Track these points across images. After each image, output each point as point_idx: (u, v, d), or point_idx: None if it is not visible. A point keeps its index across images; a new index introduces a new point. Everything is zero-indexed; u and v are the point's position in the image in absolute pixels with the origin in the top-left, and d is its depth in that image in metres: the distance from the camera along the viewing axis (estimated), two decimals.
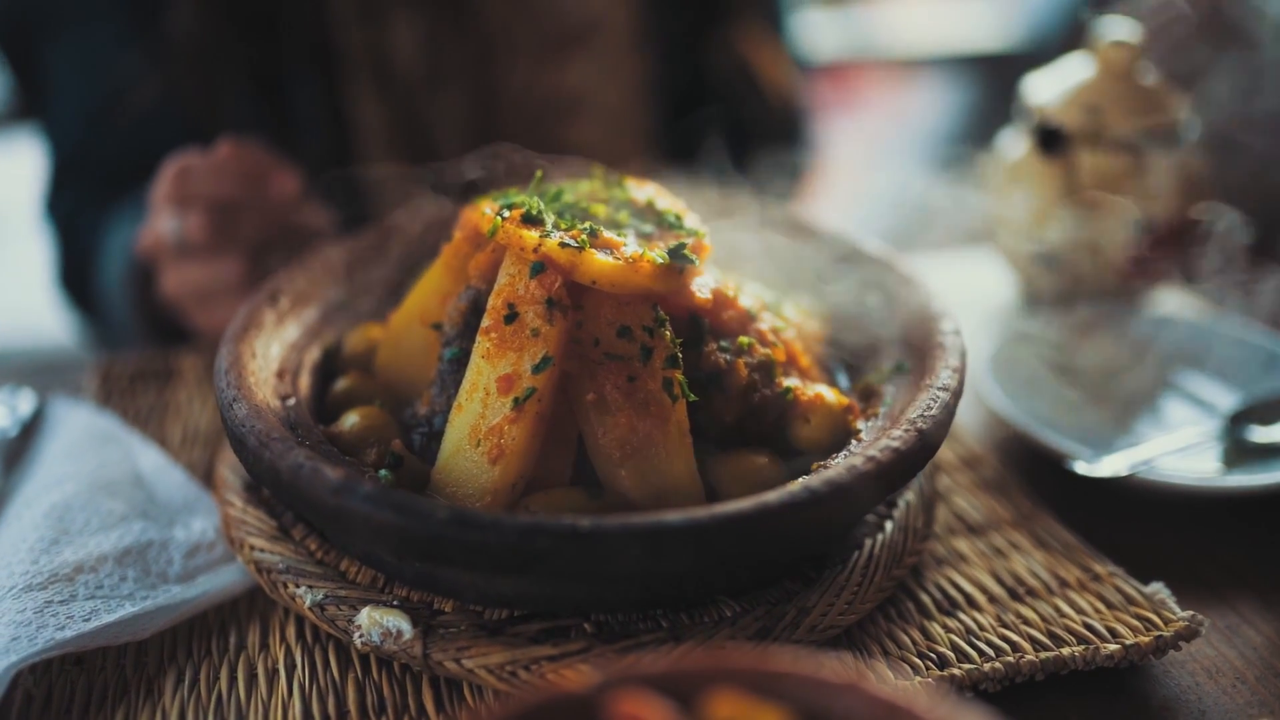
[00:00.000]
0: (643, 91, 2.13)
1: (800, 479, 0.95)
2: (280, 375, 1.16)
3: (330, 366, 1.26)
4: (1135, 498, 1.28)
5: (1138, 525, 1.26)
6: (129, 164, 1.87)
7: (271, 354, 1.18)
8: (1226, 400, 1.44)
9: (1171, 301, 1.76)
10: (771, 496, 0.91)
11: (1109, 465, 1.23)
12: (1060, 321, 1.56)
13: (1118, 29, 1.64)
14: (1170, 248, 1.61)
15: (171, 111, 1.84)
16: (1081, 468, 1.23)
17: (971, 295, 1.79)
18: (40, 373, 1.65)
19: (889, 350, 1.23)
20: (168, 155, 1.77)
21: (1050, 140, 1.59)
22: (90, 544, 1.14)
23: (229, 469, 1.22)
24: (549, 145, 2.02)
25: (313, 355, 1.25)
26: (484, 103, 2.00)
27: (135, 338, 1.80)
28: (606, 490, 1.03)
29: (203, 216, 1.48)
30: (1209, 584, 1.18)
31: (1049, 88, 1.66)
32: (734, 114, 1.98)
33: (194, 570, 1.14)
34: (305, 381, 1.20)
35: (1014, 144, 1.71)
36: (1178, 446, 1.30)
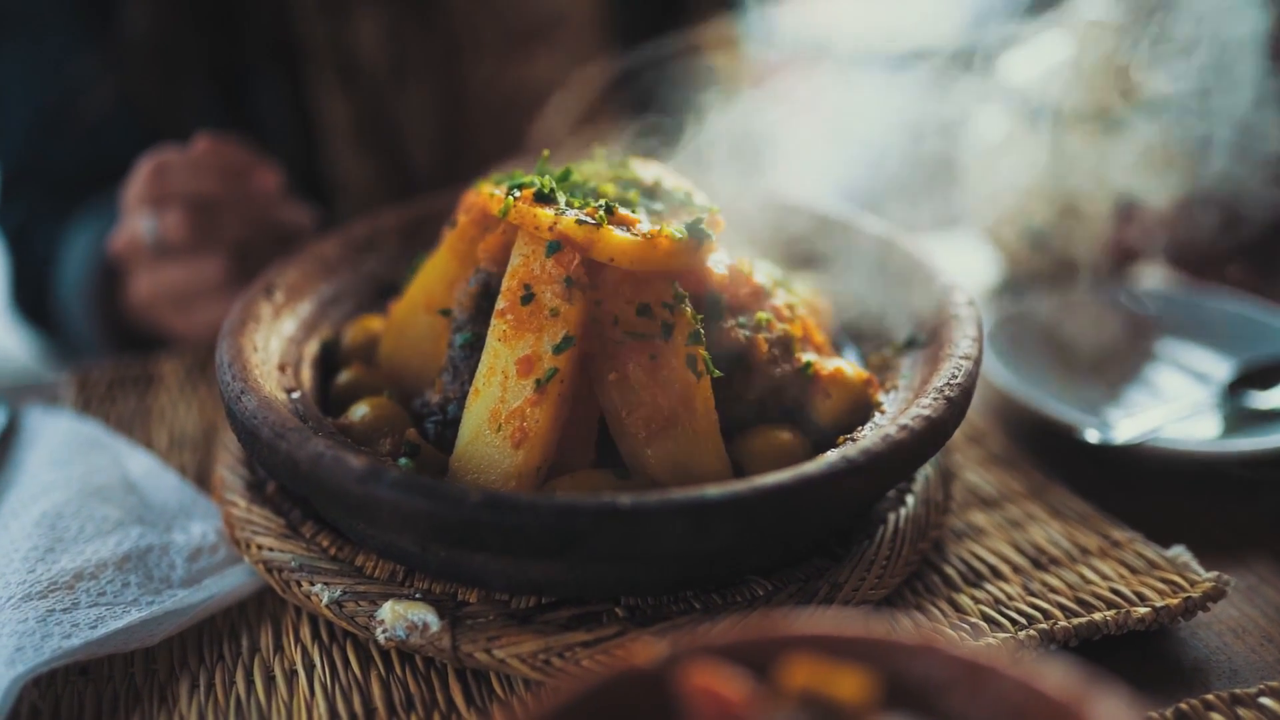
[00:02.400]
0: (606, 87, 2.11)
1: (837, 450, 0.94)
2: (282, 369, 1.13)
3: (329, 360, 1.22)
4: (1142, 466, 1.28)
5: (1147, 493, 1.26)
6: (83, 171, 1.82)
7: (271, 348, 1.14)
8: (1218, 368, 1.45)
9: (1154, 276, 1.77)
10: (811, 468, 0.90)
11: (1121, 434, 1.23)
12: (1050, 299, 1.57)
13: (1095, 7, 1.65)
14: (1155, 225, 1.62)
15: (127, 114, 1.79)
16: (1094, 437, 1.23)
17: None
18: (9, 387, 1.59)
19: (898, 324, 1.22)
20: (123, 160, 1.71)
21: (1043, 120, 1.60)
22: (87, 551, 1.09)
23: (227, 469, 1.18)
24: (515, 140, 1.99)
25: (311, 349, 1.21)
26: (450, 98, 1.97)
27: (95, 349, 1.74)
28: (632, 471, 1.01)
29: (182, 215, 1.43)
30: (1224, 546, 1.18)
31: (1029, 66, 1.67)
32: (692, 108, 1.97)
33: (198, 574, 1.10)
34: (307, 375, 1.16)
35: (994, 124, 1.72)
36: (1182, 414, 1.31)
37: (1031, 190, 1.63)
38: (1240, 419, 1.34)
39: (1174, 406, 1.33)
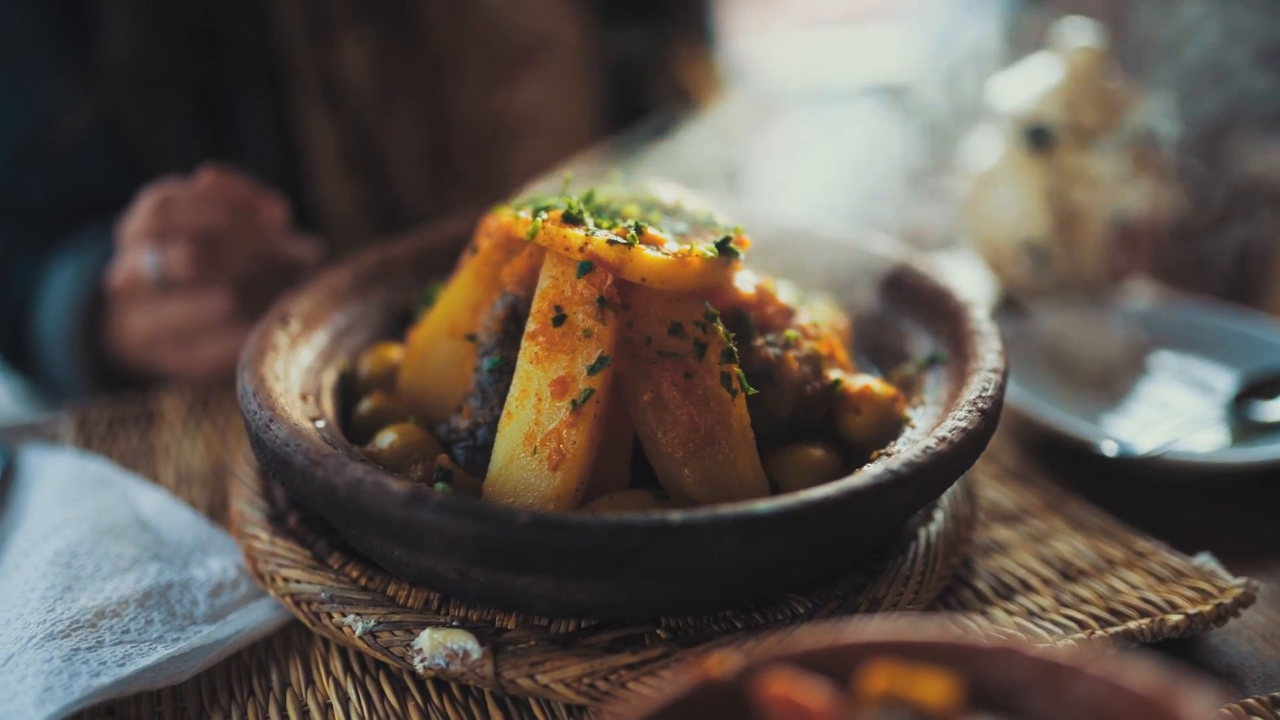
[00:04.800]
0: (593, 111, 2.11)
1: (880, 462, 0.94)
2: (304, 398, 1.11)
3: (347, 390, 1.21)
4: (1152, 479, 1.30)
5: (1160, 505, 1.27)
6: (62, 203, 1.78)
7: (291, 377, 1.13)
8: (1218, 381, 1.48)
9: (1146, 292, 1.80)
10: (856, 481, 0.90)
11: (1138, 447, 1.24)
12: (1051, 316, 1.59)
13: (1082, 33, 1.69)
14: (1147, 241, 1.65)
15: (105, 142, 1.75)
16: (1112, 450, 1.24)
17: None
18: (6, 427, 1.56)
19: (915, 342, 1.23)
20: (102, 191, 1.67)
21: (1039, 137, 1.63)
22: (106, 589, 1.07)
23: (245, 503, 1.16)
24: (501, 166, 1.99)
25: (329, 378, 1.20)
26: (435, 124, 1.96)
27: (75, 389, 1.70)
28: (669, 491, 1.00)
29: (186, 249, 1.41)
30: (1243, 555, 1.19)
31: (1020, 90, 1.70)
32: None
33: (222, 609, 1.08)
34: (328, 404, 1.15)
35: (987, 147, 1.74)
36: (1191, 427, 1.32)
37: (1028, 209, 1.65)
38: (1247, 430, 1.36)
39: (1183, 419, 1.34)
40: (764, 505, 0.86)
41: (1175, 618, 1.03)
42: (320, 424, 1.07)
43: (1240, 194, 2.00)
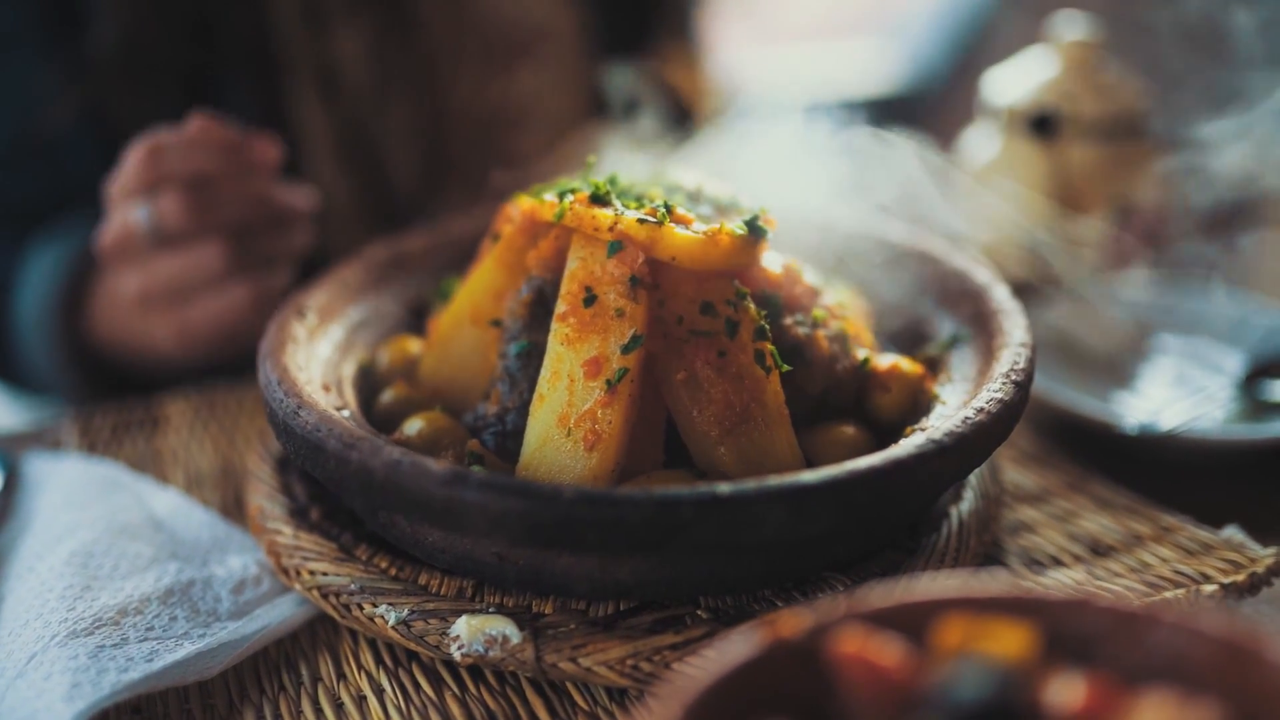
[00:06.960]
0: (590, 102, 2.10)
1: (922, 433, 0.93)
2: (326, 389, 1.10)
3: (366, 382, 1.19)
4: (1171, 458, 1.31)
5: (1178, 483, 1.27)
6: (48, 202, 1.72)
7: (312, 369, 1.11)
8: (1227, 362, 1.49)
9: (1148, 279, 1.81)
10: (900, 450, 0.89)
11: (1160, 425, 1.25)
12: (1056, 305, 1.59)
13: (1076, 26, 1.71)
14: (1146, 230, 1.67)
15: (90, 137, 1.70)
16: (1133, 429, 1.25)
17: None
18: (6, 435, 1.53)
19: (935, 324, 1.23)
20: (90, 189, 1.62)
21: (1044, 125, 1.64)
22: (126, 587, 1.05)
23: (265, 499, 1.14)
24: (497, 156, 1.98)
25: (348, 370, 1.18)
26: (432, 114, 1.94)
27: (55, 385, 1.65)
28: (704, 470, 0.99)
29: (179, 196, 1.33)
30: (1266, 527, 1.19)
31: (1016, 83, 1.71)
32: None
33: (246, 606, 1.06)
34: (350, 395, 1.13)
35: (985, 141, 1.75)
36: (1206, 406, 1.33)
37: (1028, 201, 1.66)
38: (1258, 410, 1.37)
39: (1196, 399, 1.35)
40: (811, 476, 0.85)
41: (1210, 588, 1.03)
42: (345, 413, 1.06)
43: (1236, 179, 2.02)
